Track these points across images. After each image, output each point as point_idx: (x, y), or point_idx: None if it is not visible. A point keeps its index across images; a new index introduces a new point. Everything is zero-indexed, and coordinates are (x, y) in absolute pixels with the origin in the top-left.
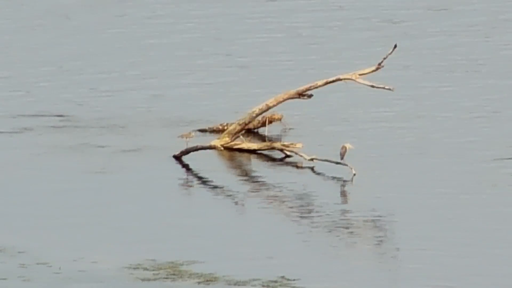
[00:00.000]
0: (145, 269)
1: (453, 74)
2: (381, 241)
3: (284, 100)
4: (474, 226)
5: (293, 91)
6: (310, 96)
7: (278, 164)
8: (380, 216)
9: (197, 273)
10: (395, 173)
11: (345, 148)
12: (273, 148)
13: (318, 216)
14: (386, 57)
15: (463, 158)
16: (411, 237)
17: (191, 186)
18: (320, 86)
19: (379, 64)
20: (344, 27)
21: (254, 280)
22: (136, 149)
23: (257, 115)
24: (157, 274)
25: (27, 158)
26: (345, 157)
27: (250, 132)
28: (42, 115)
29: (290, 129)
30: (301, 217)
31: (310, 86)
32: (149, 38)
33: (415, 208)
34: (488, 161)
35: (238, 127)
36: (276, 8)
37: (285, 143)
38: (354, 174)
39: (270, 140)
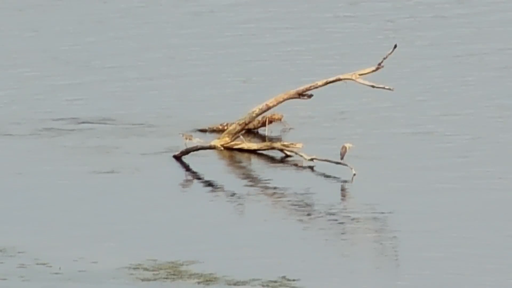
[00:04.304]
0: (145, 269)
1: (455, 74)
2: (381, 241)
3: (284, 100)
4: (475, 225)
5: (293, 91)
6: (310, 96)
7: (278, 164)
8: (381, 216)
9: (197, 273)
10: (395, 173)
11: (345, 148)
12: (273, 148)
13: (318, 216)
14: (386, 57)
15: (464, 158)
16: (412, 237)
17: (191, 186)
18: (320, 86)
19: (379, 64)
20: (346, 26)
21: (254, 280)
22: (136, 149)
23: (257, 115)
24: (157, 274)
25: (34, 160)
26: (345, 157)
27: (250, 132)
28: (60, 119)
29: (290, 129)
30: (301, 217)
31: (310, 86)
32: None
33: (416, 208)
34: (489, 160)
35: (238, 127)
36: (279, 7)
37: (285, 143)
38: (354, 174)
39: (270, 140)
